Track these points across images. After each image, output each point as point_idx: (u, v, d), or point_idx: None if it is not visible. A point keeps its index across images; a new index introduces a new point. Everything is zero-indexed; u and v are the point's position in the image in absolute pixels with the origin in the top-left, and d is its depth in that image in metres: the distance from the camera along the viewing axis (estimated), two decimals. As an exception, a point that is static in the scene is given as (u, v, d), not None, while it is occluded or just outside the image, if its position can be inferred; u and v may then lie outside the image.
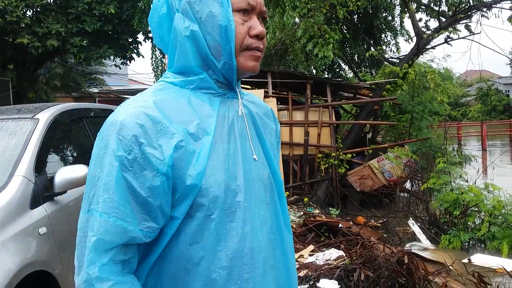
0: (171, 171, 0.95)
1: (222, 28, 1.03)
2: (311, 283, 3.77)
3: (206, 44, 1.04)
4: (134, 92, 13.48)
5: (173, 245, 0.98)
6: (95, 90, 20.04)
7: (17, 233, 2.50)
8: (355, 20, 12.25)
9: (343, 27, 10.71)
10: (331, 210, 6.98)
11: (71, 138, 3.71)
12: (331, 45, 7.84)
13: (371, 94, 9.03)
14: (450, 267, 4.40)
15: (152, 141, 0.94)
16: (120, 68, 14.06)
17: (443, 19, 8.91)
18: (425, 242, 5.64)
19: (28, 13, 11.11)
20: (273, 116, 1.29)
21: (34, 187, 2.74)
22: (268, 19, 8.84)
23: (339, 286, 3.68)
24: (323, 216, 6.02)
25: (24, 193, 2.66)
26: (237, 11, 1.04)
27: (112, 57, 12.45)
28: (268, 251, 1.06)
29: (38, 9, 10.87)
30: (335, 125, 8.05)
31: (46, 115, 3.26)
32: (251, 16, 1.06)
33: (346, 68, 14.91)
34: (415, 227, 5.93)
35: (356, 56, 13.61)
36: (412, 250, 4.83)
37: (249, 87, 8.93)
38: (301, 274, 4.00)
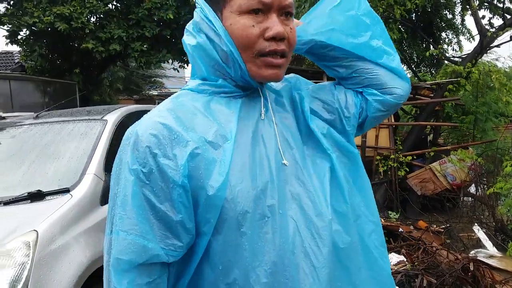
0: (187, 182, 0.87)
1: (223, 36, 0.95)
2: (371, 287, 3.70)
3: (216, 52, 0.97)
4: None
5: (205, 265, 0.90)
6: (155, 92, 20.72)
7: (88, 228, 2.63)
8: (413, 18, 11.91)
9: (401, 26, 10.44)
10: (390, 214, 6.80)
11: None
12: (391, 44, 7.67)
13: (431, 95, 8.73)
14: (519, 276, 4.16)
15: (166, 151, 0.87)
16: (178, 71, 14.41)
17: (508, 16, 8.49)
18: (491, 249, 5.37)
19: (92, 19, 11.62)
20: (294, 92, 1.11)
21: (104, 184, 2.87)
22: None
23: (401, 291, 3.59)
24: (382, 220, 5.87)
25: (95, 190, 2.80)
26: (247, 13, 0.93)
27: (170, 61, 12.80)
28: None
29: (101, 15, 11.35)
30: (394, 126, 7.85)
31: (113, 116, 3.43)
32: (268, 15, 0.94)
33: (405, 68, 14.51)
34: (480, 233, 5.67)
35: (414, 55, 13.21)
36: (478, 257, 4.61)
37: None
38: (361, 278, 3.93)
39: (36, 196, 2.63)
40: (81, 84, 12.13)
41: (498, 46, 8.84)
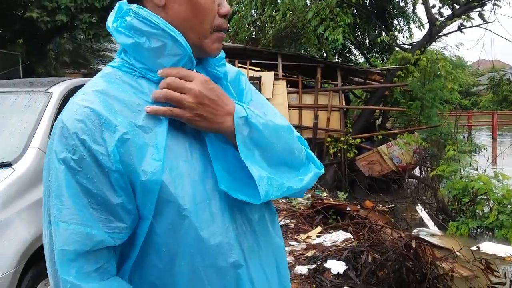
0: (121, 166, 0.85)
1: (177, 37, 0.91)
2: (318, 263, 3.80)
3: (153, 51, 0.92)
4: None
5: (149, 247, 0.89)
6: (104, 67, 20.02)
7: (31, 204, 2.53)
8: (367, 4, 12.10)
9: (355, 11, 10.59)
10: (339, 194, 6.99)
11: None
12: (341, 28, 7.78)
13: (381, 80, 8.98)
14: (457, 253, 4.41)
15: (95, 136, 0.84)
16: (129, 46, 14.00)
17: (457, 6, 8.80)
18: (432, 228, 5.66)
19: (38, -14, 11.00)
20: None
21: (49, 159, 2.75)
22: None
23: (346, 267, 3.70)
24: (331, 199, 6.03)
25: (39, 164, 2.67)
26: None
27: (121, 35, 12.38)
28: (251, 239, 0.96)
29: (48, -17, 10.77)
30: (344, 109, 8.03)
31: (59, 89, 3.26)
32: None
33: (357, 53, 14.78)
34: (423, 213, 5.95)
35: (367, 41, 13.47)
36: (420, 235, 4.84)
37: (258, 69, 8.89)
38: (309, 254, 4.03)
39: (-25, 169, 2.49)
40: (24, 56, 11.53)
41: (446, 35, 9.18)
